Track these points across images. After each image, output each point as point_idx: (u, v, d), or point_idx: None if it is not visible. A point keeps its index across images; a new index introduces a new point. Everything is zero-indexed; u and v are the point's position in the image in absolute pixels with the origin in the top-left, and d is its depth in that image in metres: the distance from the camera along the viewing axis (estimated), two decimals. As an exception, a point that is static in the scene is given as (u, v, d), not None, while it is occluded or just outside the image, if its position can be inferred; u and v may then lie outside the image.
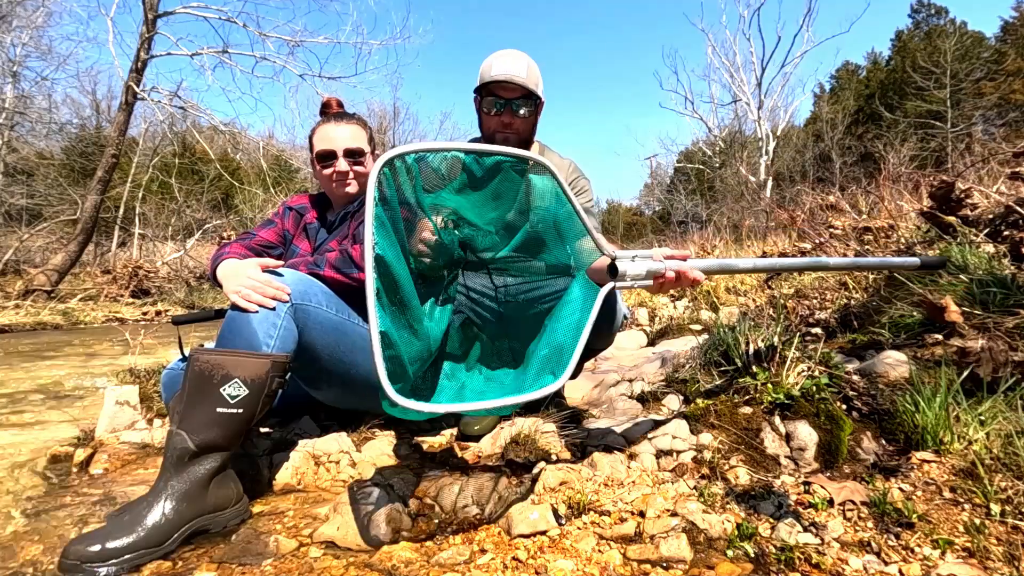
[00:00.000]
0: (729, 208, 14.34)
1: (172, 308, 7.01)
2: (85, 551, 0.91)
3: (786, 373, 1.36)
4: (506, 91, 1.50)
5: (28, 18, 10.42)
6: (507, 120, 1.52)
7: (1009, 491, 1.00)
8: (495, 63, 1.50)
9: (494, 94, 1.51)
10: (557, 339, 1.05)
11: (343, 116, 1.61)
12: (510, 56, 1.51)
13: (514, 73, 1.47)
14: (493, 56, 1.52)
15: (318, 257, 1.44)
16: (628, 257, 1.07)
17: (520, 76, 1.48)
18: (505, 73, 1.47)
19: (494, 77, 1.48)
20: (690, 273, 1.09)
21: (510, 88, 1.49)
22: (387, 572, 0.92)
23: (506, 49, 1.54)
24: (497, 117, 1.52)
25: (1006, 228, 1.93)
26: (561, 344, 1.02)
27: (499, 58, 1.50)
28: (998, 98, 19.03)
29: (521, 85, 1.48)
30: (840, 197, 3.98)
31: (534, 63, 1.53)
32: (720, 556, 0.97)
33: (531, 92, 1.51)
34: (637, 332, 3.08)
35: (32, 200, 11.18)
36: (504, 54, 1.51)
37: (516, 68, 1.48)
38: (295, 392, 1.59)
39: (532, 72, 1.51)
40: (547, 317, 1.15)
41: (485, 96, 1.53)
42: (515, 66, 1.49)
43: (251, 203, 11.81)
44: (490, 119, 1.55)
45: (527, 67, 1.50)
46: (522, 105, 1.51)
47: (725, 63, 17.58)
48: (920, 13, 24.64)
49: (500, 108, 1.51)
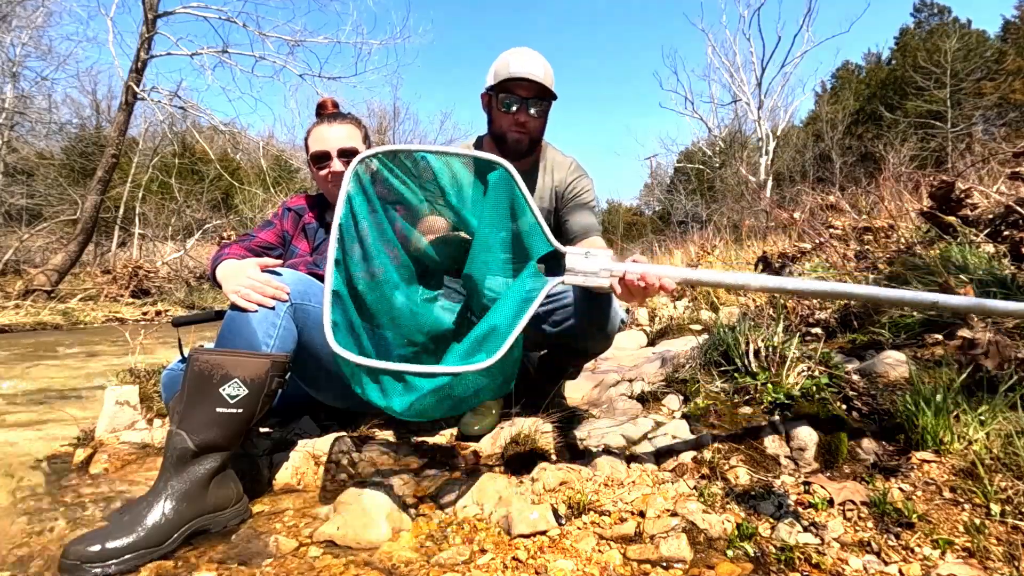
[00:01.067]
0: (729, 208, 14.35)
1: (172, 308, 7.01)
2: (85, 551, 0.91)
3: (786, 373, 1.36)
4: (524, 89, 1.47)
5: (28, 18, 10.42)
6: (522, 119, 1.49)
7: (1009, 491, 1.00)
8: (512, 60, 1.47)
9: (511, 92, 1.48)
10: (493, 321, 1.06)
11: (337, 116, 1.61)
12: (527, 54, 1.48)
13: (532, 71, 1.45)
14: (509, 54, 1.50)
15: (317, 257, 1.44)
16: (581, 253, 1.08)
17: (539, 75, 1.46)
18: (524, 71, 1.44)
19: (512, 74, 1.45)
20: (660, 281, 1.04)
21: (527, 87, 1.47)
22: (387, 572, 0.92)
23: (520, 47, 1.52)
24: (512, 116, 1.50)
25: (1006, 228, 1.93)
26: (495, 326, 1.03)
27: (516, 56, 1.48)
28: (998, 98, 19.03)
29: (539, 83, 1.46)
30: (840, 197, 3.98)
31: (548, 63, 1.51)
32: (720, 556, 0.97)
33: (547, 92, 1.49)
34: (637, 332, 3.08)
35: (32, 200, 11.18)
36: (521, 52, 1.49)
37: (534, 66, 1.46)
38: (295, 392, 1.59)
39: (548, 71, 1.49)
40: (495, 301, 1.15)
41: (500, 94, 1.50)
42: (533, 64, 1.46)
43: (251, 203, 11.81)
44: (504, 117, 1.51)
45: (544, 66, 1.48)
46: (537, 104, 1.49)
47: (725, 63, 17.58)
48: (922, 12, 24.63)
49: (516, 107, 1.48)
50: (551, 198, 1.61)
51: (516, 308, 1.04)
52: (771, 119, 17.23)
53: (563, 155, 1.66)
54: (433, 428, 1.69)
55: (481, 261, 1.16)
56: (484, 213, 1.13)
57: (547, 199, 1.61)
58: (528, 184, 1.62)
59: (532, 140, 1.54)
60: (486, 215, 1.13)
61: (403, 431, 1.62)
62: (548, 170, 1.62)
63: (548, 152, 1.65)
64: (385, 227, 1.14)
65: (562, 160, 1.64)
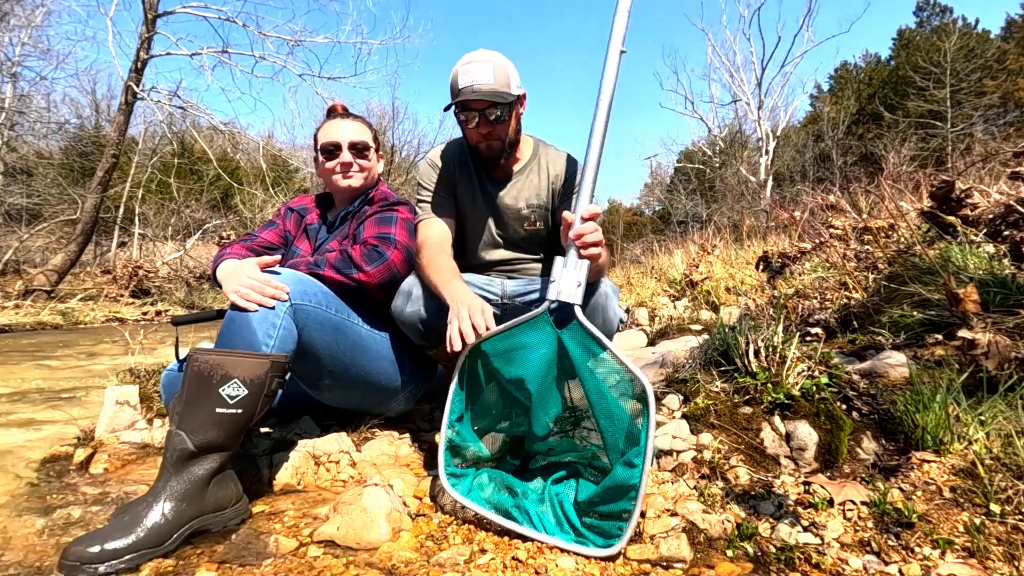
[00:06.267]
0: (729, 208, 14.36)
1: (172, 308, 7.01)
2: (84, 552, 0.91)
3: (786, 373, 1.36)
4: (476, 102, 1.43)
5: (27, 17, 10.42)
6: (484, 131, 1.48)
7: (1009, 491, 1.00)
8: (461, 74, 1.42)
9: (465, 107, 1.45)
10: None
11: (348, 115, 1.68)
12: (474, 64, 1.42)
13: (480, 83, 1.40)
14: (458, 66, 1.45)
15: (318, 257, 1.44)
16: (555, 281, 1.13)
17: (487, 84, 1.40)
18: (471, 85, 1.40)
19: (462, 92, 1.41)
20: (584, 218, 1.14)
21: (478, 100, 1.42)
22: (387, 572, 0.92)
23: (471, 54, 1.46)
24: (475, 129, 1.48)
25: (1006, 228, 1.93)
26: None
27: (464, 68, 1.43)
28: (1000, 96, 19.02)
29: (489, 93, 1.41)
30: (840, 197, 3.98)
31: (502, 61, 1.46)
32: (720, 556, 0.97)
33: (502, 97, 1.43)
34: (637, 332, 3.08)
35: (32, 200, 11.17)
36: (468, 63, 1.43)
37: (481, 77, 1.40)
38: (295, 392, 1.59)
39: (500, 74, 1.43)
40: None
41: (457, 111, 1.47)
42: (480, 75, 1.41)
43: (250, 203, 11.81)
44: (469, 132, 1.50)
45: (493, 71, 1.42)
46: (495, 111, 1.45)
47: (725, 63, 17.59)
48: (924, 11, 24.60)
49: (476, 121, 1.46)
50: (548, 194, 1.61)
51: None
52: (771, 119, 17.25)
53: (558, 151, 1.66)
54: (433, 428, 1.69)
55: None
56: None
57: (544, 196, 1.61)
58: (525, 183, 1.61)
59: (507, 143, 1.52)
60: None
61: (403, 431, 1.62)
62: (544, 167, 1.62)
63: (542, 150, 1.65)
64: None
65: (557, 156, 1.64)
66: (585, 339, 1.10)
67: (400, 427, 1.64)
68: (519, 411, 1.19)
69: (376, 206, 1.60)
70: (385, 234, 1.48)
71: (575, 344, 1.10)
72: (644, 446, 0.98)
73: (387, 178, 9.87)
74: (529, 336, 1.14)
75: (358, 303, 1.44)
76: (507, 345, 1.15)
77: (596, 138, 1.19)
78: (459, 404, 1.18)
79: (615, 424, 1.04)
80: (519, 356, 1.14)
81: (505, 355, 1.15)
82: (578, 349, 1.10)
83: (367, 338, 1.43)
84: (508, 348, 1.15)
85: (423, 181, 1.62)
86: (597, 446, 1.12)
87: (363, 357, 1.42)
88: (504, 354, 1.15)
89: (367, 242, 1.46)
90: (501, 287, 1.55)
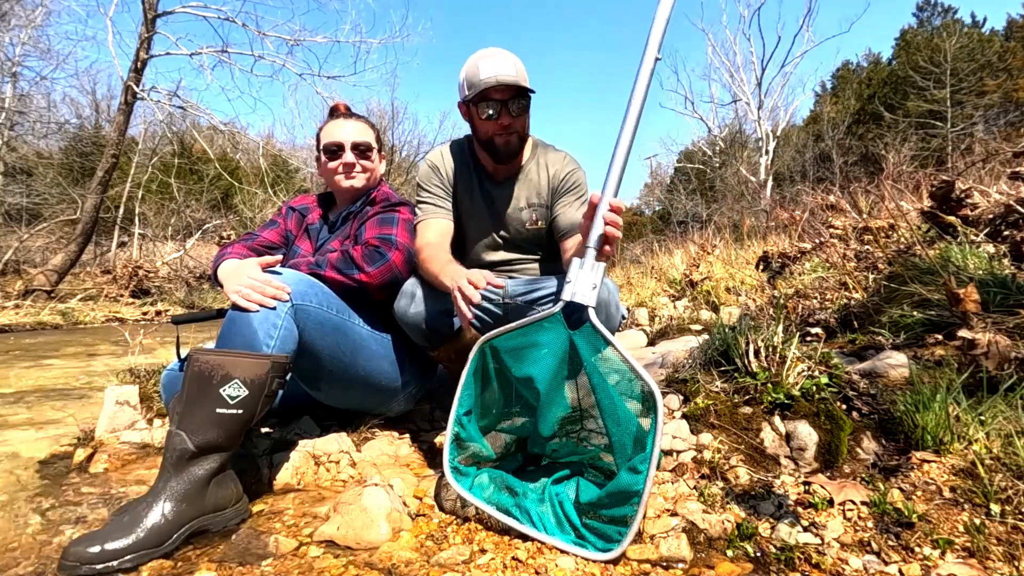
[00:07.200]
0: (729, 208, 14.35)
1: (172, 308, 7.01)
2: (85, 552, 0.91)
3: (786, 373, 1.36)
4: (499, 93, 1.46)
5: (27, 17, 10.40)
6: (505, 122, 1.49)
7: (1009, 491, 1.00)
8: (482, 67, 1.45)
9: (488, 99, 1.47)
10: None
11: (351, 115, 1.68)
12: (495, 57, 1.46)
13: (504, 74, 1.43)
14: (476, 59, 1.47)
15: (319, 257, 1.44)
16: (571, 281, 1.13)
17: (511, 75, 1.44)
18: (496, 76, 1.43)
19: (485, 83, 1.43)
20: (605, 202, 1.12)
21: (503, 89, 1.46)
22: (387, 572, 0.92)
23: (485, 49, 1.50)
24: (495, 122, 1.49)
25: (1006, 228, 1.93)
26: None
27: (484, 61, 1.46)
28: (1001, 96, 19.01)
29: (514, 84, 1.44)
30: (840, 197, 3.98)
31: (517, 57, 1.50)
32: (720, 556, 0.97)
33: (523, 89, 1.48)
34: (637, 332, 3.08)
35: (32, 200, 11.17)
36: (487, 56, 1.47)
37: (505, 68, 1.44)
38: (295, 392, 1.59)
39: (519, 68, 1.48)
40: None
41: (478, 103, 1.49)
42: (503, 66, 1.45)
43: (250, 203, 11.80)
44: (487, 124, 1.51)
45: (514, 64, 1.47)
46: (516, 103, 1.49)
47: (725, 63, 17.60)
48: (925, 11, 24.58)
49: (497, 112, 1.48)
50: (548, 193, 1.62)
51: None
52: (771, 119, 17.26)
53: (556, 150, 1.67)
54: (433, 428, 1.69)
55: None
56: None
57: (544, 194, 1.61)
58: (525, 182, 1.62)
59: (520, 137, 1.56)
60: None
61: (403, 431, 1.62)
62: (542, 166, 1.63)
63: (540, 149, 1.66)
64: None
65: (555, 155, 1.65)
66: (597, 342, 1.10)
67: (400, 427, 1.65)
68: (524, 411, 1.19)
69: (378, 207, 1.60)
70: (386, 235, 1.48)
71: (587, 346, 1.10)
72: (650, 453, 0.98)
73: (387, 178, 9.86)
74: (541, 335, 1.14)
75: (359, 303, 1.44)
76: (519, 343, 1.15)
77: (626, 136, 1.19)
78: (468, 399, 1.18)
79: (623, 428, 1.04)
80: (530, 354, 1.14)
81: (516, 352, 1.15)
82: (589, 351, 1.10)
83: (368, 338, 1.44)
84: (519, 346, 1.15)
85: (423, 183, 1.62)
86: (599, 447, 1.12)
87: (363, 357, 1.42)
88: (515, 351, 1.15)
89: (368, 243, 1.46)
90: (502, 287, 1.55)
